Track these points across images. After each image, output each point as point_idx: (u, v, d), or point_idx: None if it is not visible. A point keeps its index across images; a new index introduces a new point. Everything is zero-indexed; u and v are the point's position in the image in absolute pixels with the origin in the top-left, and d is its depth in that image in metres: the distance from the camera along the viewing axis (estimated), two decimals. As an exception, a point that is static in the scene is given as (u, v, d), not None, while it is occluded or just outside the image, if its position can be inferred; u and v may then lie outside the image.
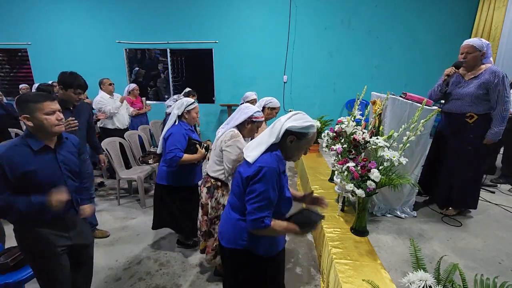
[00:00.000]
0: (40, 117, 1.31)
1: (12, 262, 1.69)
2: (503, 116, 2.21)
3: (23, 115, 1.31)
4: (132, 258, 2.51)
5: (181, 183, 2.38)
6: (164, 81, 6.49)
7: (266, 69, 5.81)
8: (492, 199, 2.88)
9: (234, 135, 1.84)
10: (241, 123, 1.90)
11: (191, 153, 2.27)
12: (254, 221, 1.17)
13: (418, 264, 1.29)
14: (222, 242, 1.35)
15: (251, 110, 1.90)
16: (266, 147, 1.21)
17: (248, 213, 1.19)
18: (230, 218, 1.32)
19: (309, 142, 1.26)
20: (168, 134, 2.24)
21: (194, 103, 2.33)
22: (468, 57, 2.26)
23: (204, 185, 2.06)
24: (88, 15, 5.77)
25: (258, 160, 1.19)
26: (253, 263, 1.31)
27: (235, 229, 1.29)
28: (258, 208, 1.16)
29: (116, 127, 3.99)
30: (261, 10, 5.56)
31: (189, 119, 2.33)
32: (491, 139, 2.27)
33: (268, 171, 1.16)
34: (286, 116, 1.24)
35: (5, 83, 6.33)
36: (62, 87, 2.22)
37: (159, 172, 2.40)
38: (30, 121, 1.31)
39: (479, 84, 2.23)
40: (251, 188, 1.18)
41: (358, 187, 1.89)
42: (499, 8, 4.70)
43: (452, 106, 2.41)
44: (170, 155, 2.17)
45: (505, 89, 2.17)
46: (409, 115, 2.21)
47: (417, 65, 5.50)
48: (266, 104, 2.69)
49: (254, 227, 1.19)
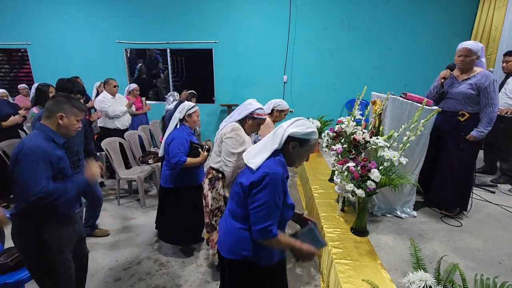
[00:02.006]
0: (73, 121, 1.53)
1: (12, 262, 1.69)
2: (490, 118, 2.29)
3: (60, 114, 1.48)
4: (132, 258, 2.51)
5: (186, 183, 2.42)
6: (164, 81, 6.49)
7: (266, 69, 5.80)
8: (492, 199, 2.88)
9: (234, 128, 1.91)
10: (242, 118, 1.97)
11: (193, 156, 2.32)
12: (261, 230, 1.13)
13: (418, 264, 1.29)
14: (222, 252, 1.29)
15: (253, 106, 1.96)
16: (269, 154, 1.19)
17: (254, 223, 1.15)
18: (231, 228, 1.26)
19: (311, 149, 1.25)
20: (171, 139, 2.28)
21: (194, 106, 2.38)
22: (466, 60, 2.33)
23: (206, 176, 2.12)
24: (88, 15, 5.77)
25: (262, 166, 1.16)
26: (254, 274, 1.27)
27: (236, 238, 1.24)
28: (264, 216, 1.12)
29: (116, 127, 3.99)
30: (261, 10, 5.55)
31: (190, 122, 2.37)
32: (474, 136, 2.33)
33: (273, 178, 1.13)
34: (288, 122, 1.23)
35: (5, 83, 6.33)
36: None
37: (163, 176, 2.44)
38: (61, 119, 1.49)
39: (471, 85, 2.31)
40: (256, 196, 1.14)
41: (358, 187, 1.89)
42: (499, 8, 4.70)
43: (445, 105, 2.49)
44: (174, 160, 2.22)
45: (494, 92, 2.26)
46: (409, 115, 2.21)
47: (417, 65, 5.50)
48: (275, 107, 2.71)
49: (262, 237, 1.15)
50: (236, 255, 1.25)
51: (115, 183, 3.62)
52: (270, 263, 1.28)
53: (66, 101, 1.51)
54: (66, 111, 1.49)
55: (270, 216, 1.13)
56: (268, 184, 1.12)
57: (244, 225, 1.23)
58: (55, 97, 1.55)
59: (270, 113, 2.72)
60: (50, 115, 1.48)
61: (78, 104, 1.56)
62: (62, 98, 1.53)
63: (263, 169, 1.15)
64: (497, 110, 2.30)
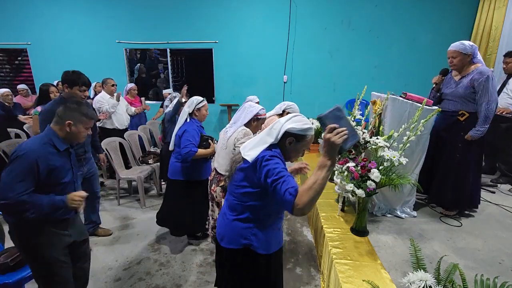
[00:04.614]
0: (81, 129, 1.53)
1: (12, 262, 1.69)
2: (486, 115, 2.27)
3: (68, 121, 1.48)
4: (132, 258, 2.51)
5: (194, 178, 2.49)
6: (164, 81, 6.49)
7: (266, 69, 5.80)
8: (492, 199, 2.87)
9: (246, 133, 2.01)
10: (247, 122, 2.07)
11: (204, 148, 2.39)
12: (289, 199, 1.03)
13: (418, 264, 1.29)
14: (222, 243, 1.34)
15: (256, 108, 2.08)
16: (266, 147, 1.21)
17: (283, 196, 1.04)
18: (230, 220, 1.32)
19: (307, 144, 1.28)
20: (182, 131, 2.36)
21: (203, 101, 2.47)
22: (454, 61, 2.36)
23: (217, 184, 2.18)
24: (88, 15, 5.77)
25: (259, 155, 1.18)
26: (252, 261, 1.32)
27: (235, 229, 1.30)
28: (283, 184, 1.06)
29: (115, 127, 3.99)
30: (261, 10, 5.55)
31: (199, 116, 2.47)
32: (471, 136, 2.33)
33: (273, 154, 1.16)
34: (286, 117, 1.25)
35: (5, 83, 6.33)
36: (67, 86, 2.27)
37: (172, 167, 2.51)
38: (69, 127, 1.49)
39: (466, 84, 2.32)
40: (263, 171, 1.12)
41: (358, 187, 1.89)
42: (499, 8, 4.69)
43: (445, 105, 2.50)
44: (185, 150, 2.28)
45: (489, 88, 2.24)
46: (409, 115, 2.21)
47: (417, 65, 5.50)
48: (286, 108, 2.74)
49: (293, 205, 1.03)
50: (236, 244, 1.29)
51: (115, 183, 3.62)
52: (269, 252, 1.32)
53: (76, 109, 1.52)
54: (75, 119, 1.50)
55: (286, 182, 1.06)
56: (270, 158, 1.15)
57: (241, 216, 1.28)
58: (67, 104, 1.55)
59: (280, 114, 2.74)
60: (60, 121, 1.49)
61: (88, 112, 1.56)
62: (73, 106, 1.54)
63: (260, 155, 1.17)
64: (494, 107, 2.27)
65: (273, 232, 1.34)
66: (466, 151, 2.40)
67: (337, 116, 1.11)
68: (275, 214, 1.31)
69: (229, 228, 1.32)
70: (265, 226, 1.29)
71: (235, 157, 1.32)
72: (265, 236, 1.30)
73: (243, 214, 1.27)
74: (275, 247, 1.37)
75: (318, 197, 1.05)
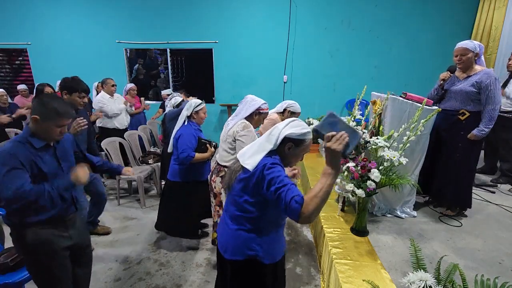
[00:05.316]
0: (51, 126, 1.38)
1: (12, 262, 1.69)
2: (491, 116, 2.28)
3: (34, 116, 1.34)
4: (132, 258, 2.51)
5: (193, 179, 2.48)
6: (164, 81, 6.49)
7: (266, 69, 5.80)
8: (492, 199, 2.88)
9: (246, 126, 1.99)
10: (249, 115, 2.05)
11: (201, 152, 2.39)
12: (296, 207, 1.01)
13: (418, 264, 1.29)
14: (226, 255, 1.28)
15: (258, 102, 2.06)
16: (264, 154, 1.19)
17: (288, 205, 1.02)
18: (232, 230, 1.27)
19: (306, 149, 1.26)
20: (179, 135, 2.35)
21: (201, 103, 2.46)
22: (463, 59, 2.34)
23: (218, 174, 2.15)
24: (88, 15, 5.76)
25: (259, 164, 1.16)
26: (258, 272, 1.28)
27: (239, 240, 1.25)
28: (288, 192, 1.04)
29: (115, 127, 3.99)
30: (261, 10, 5.55)
31: (197, 119, 2.47)
32: (475, 135, 2.33)
33: (274, 162, 1.14)
34: (283, 123, 1.24)
35: (5, 83, 6.33)
36: (67, 92, 2.26)
37: (171, 170, 2.52)
38: (39, 124, 1.36)
39: (472, 83, 2.32)
40: (266, 179, 1.10)
41: (358, 187, 1.89)
42: (499, 8, 4.69)
43: (446, 104, 2.49)
44: (184, 155, 2.28)
45: (496, 90, 2.25)
46: (409, 115, 2.21)
47: (417, 65, 5.50)
48: (287, 107, 2.73)
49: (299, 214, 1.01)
50: (242, 255, 1.25)
51: (115, 183, 3.62)
52: (273, 261, 1.29)
53: (46, 105, 1.35)
54: (42, 115, 1.34)
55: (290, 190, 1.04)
56: (272, 167, 1.12)
57: (244, 226, 1.24)
58: (39, 98, 1.39)
59: (282, 112, 2.73)
60: (31, 117, 1.37)
61: (61, 109, 1.37)
62: (45, 100, 1.37)
63: (261, 164, 1.15)
64: (498, 109, 2.29)
65: (276, 239, 1.31)
66: (466, 151, 2.40)
67: (331, 122, 1.10)
68: (276, 221, 1.28)
69: (233, 238, 1.26)
70: (268, 235, 1.26)
71: (234, 165, 1.29)
72: (270, 245, 1.26)
73: (246, 224, 1.23)
74: (280, 255, 1.34)
75: (323, 204, 1.02)
